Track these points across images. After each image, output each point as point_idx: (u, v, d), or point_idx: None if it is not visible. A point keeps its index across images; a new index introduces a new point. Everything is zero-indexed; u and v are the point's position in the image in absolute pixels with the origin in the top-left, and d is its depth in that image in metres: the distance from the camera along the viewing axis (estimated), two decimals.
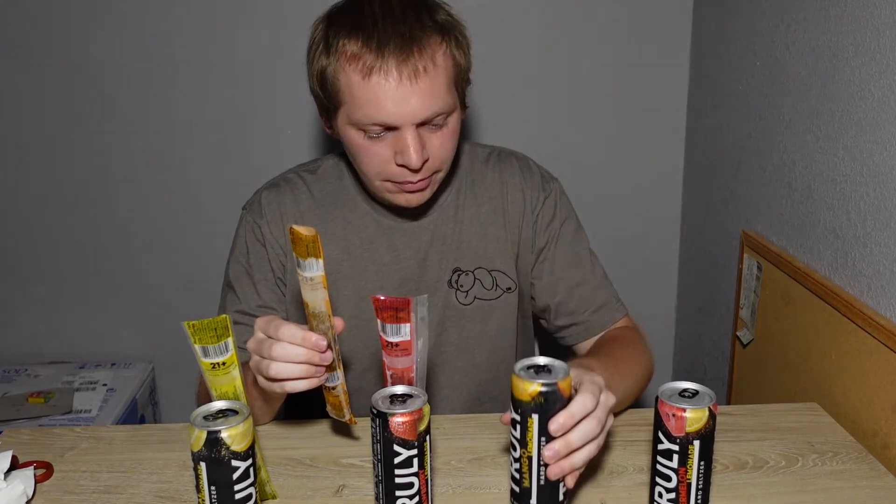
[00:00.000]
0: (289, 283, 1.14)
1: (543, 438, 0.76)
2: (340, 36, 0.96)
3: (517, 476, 0.79)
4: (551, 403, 0.75)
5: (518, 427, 0.77)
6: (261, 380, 0.88)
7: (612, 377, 0.95)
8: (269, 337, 0.85)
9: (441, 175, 1.06)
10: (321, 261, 0.81)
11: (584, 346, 1.19)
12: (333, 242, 1.13)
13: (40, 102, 1.83)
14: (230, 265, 1.16)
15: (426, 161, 1.00)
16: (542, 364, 0.79)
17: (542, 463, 0.77)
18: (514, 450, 0.79)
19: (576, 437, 0.76)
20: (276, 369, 0.84)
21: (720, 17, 1.65)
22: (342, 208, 1.15)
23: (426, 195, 1.06)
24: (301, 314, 0.97)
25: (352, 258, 1.14)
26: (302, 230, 0.79)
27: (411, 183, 1.02)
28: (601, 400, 0.80)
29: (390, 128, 0.97)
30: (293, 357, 0.84)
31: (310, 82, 1.03)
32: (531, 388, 0.75)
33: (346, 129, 1.01)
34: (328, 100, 1.01)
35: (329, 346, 0.84)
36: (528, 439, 0.77)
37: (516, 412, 0.77)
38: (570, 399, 0.76)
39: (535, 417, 0.76)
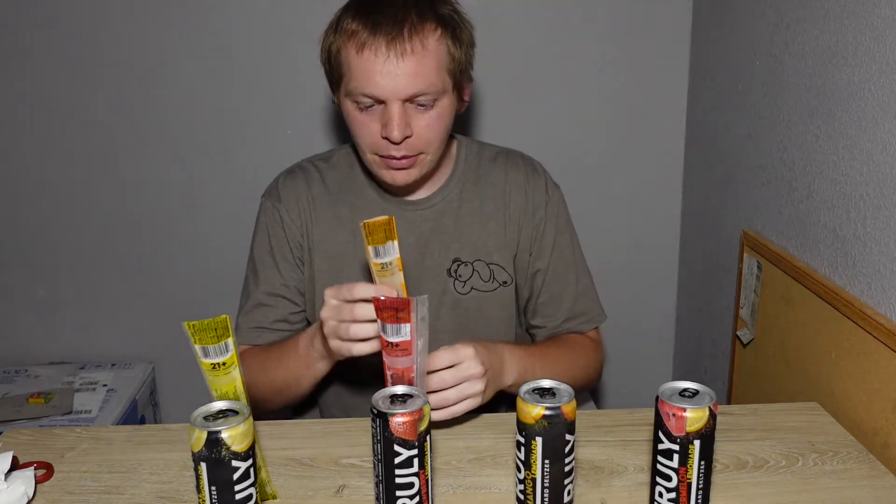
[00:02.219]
0: (307, 263, 1.20)
1: (548, 461, 0.77)
2: (346, 17, 1.06)
3: (522, 497, 0.80)
4: (555, 427, 0.76)
5: (522, 449, 0.79)
6: (335, 343, 0.96)
7: (527, 362, 1.09)
8: (346, 301, 0.94)
9: (429, 158, 1.11)
10: (396, 242, 0.93)
11: None
12: (341, 226, 1.20)
13: (40, 102, 1.83)
14: (253, 250, 1.23)
15: (408, 137, 1.06)
16: (546, 387, 0.80)
17: (545, 485, 0.78)
18: (519, 471, 0.80)
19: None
20: (355, 330, 0.93)
21: (720, 17, 1.65)
22: (350, 194, 1.21)
23: (412, 174, 1.11)
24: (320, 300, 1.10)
25: (357, 241, 1.18)
26: (376, 220, 0.91)
27: (395, 159, 1.08)
28: (459, 365, 0.95)
29: (379, 101, 1.04)
30: (371, 316, 0.92)
31: (320, 58, 1.12)
32: (535, 411, 0.76)
33: (343, 101, 1.09)
34: (332, 73, 1.10)
35: None
36: (532, 461, 0.78)
37: (521, 434, 0.78)
38: (573, 422, 0.78)
39: (539, 440, 0.77)
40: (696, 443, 0.76)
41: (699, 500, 0.79)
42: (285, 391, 1.12)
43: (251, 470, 0.75)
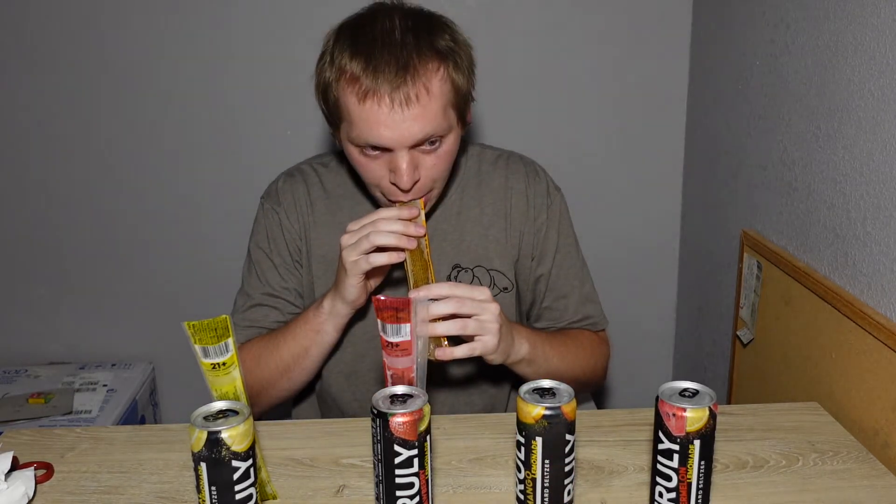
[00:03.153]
0: (305, 267, 1.20)
1: (548, 461, 0.77)
2: (344, 56, 1.00)
3: (522, 497, 0.81)
4: (555, 427, 0.76)
5: (523, 449, 0.79)
6: (352, 260, 1.00)
7: (537, 340, 1.09)
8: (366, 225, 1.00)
9: (436, 192, 1.11)
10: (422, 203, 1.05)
11: None
12: (341, 231, 1.17)
13: (40, 103, 1.83)
14: (252, 251, 1.22)
15: (417, 181, 1.04)
16: (546, 387, 0.80)
17: (545, 485, 0.78)
18: (519, 471, 0.80)
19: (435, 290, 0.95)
20: (374, 236, 0.98)
21: (720, 17, 1.65)
22: (350, 200, 1.20)
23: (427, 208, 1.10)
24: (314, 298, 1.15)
25: None
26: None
27: (400, 199, 1.06)
28: (473, 294, 0.96)
29: (385, 149, 1.01)
30: (392, 228, 0.98)
31: (315, 92, 1.07)
32: (535, 411, 0.76)
33: (345, 144, 1.06)
34: (330, 114, 1.06)
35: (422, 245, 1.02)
36: (532, 461, 0.78)
37: (521, 434, 0.78)
38: (573, 422, 0.78)
39: (539, 440, 0.77)
40: (696, 443, 0.76)
41: (699, 500, 0.79)
42: (293, 367, 1.11)
43: (251, 470, 0.75)
